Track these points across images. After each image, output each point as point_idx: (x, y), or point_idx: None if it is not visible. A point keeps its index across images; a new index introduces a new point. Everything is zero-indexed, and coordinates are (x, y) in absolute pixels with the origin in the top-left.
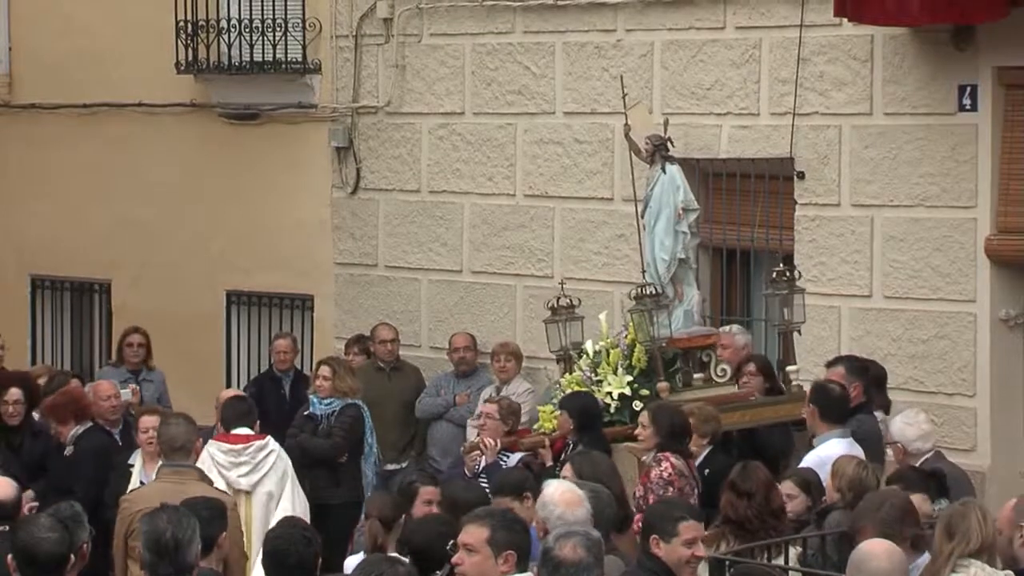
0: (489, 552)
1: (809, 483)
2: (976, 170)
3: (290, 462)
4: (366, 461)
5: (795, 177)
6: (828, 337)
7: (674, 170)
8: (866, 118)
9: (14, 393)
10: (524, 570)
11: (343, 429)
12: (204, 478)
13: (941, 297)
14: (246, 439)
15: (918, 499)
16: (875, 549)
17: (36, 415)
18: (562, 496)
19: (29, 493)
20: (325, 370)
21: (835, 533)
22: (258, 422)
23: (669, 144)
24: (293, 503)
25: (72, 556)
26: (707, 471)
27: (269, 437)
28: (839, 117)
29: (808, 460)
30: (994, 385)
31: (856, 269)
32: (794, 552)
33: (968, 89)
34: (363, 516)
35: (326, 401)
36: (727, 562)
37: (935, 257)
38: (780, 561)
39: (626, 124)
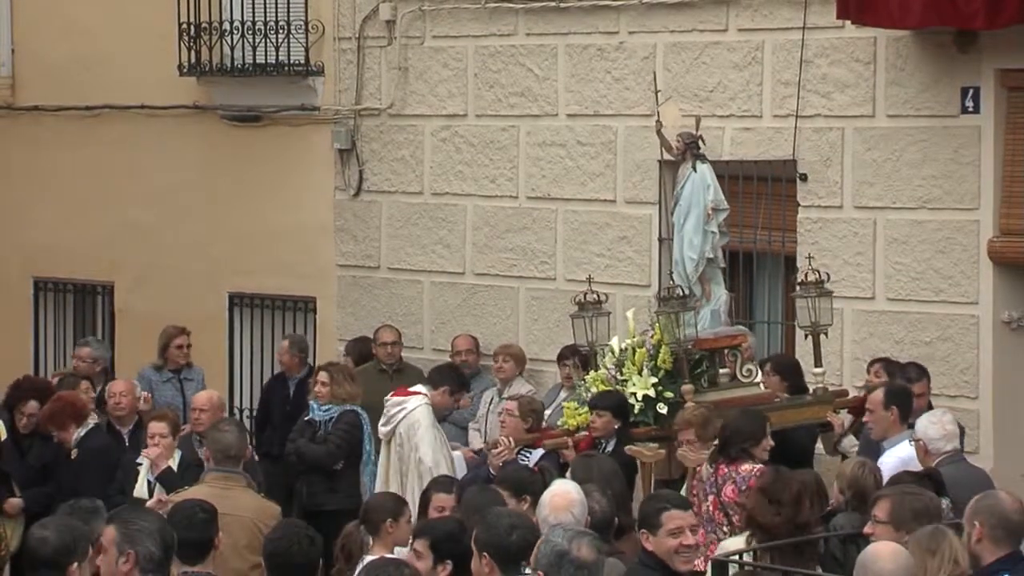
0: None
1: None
2: (979, 172)
3: (426, 420)
4: (364, 468)
5: (798, 179)
6: (831, 339)
7: (705, 169)
8: (869, 120)
9: (32, 406)
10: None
11: (338, 436)
12: (250, 485)
13: (944, 299)
14: (397, 394)
15: None
16: (882, 550)
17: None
18: (552, 500)
19: (17, 501)
20: (323, 376)
21: (840, 536)
22: (446, 388)
23: (700, 142)
24: (435, 457)
25: (76, 562)
26: None
27: (412, 396)
28: (842, 119)
29: (889, 463)
30: (997, 387)
31: (859, 271)
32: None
33: (971, 91)
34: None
35: (324, 407)
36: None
37: (938, 259)
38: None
39: (657, 120)
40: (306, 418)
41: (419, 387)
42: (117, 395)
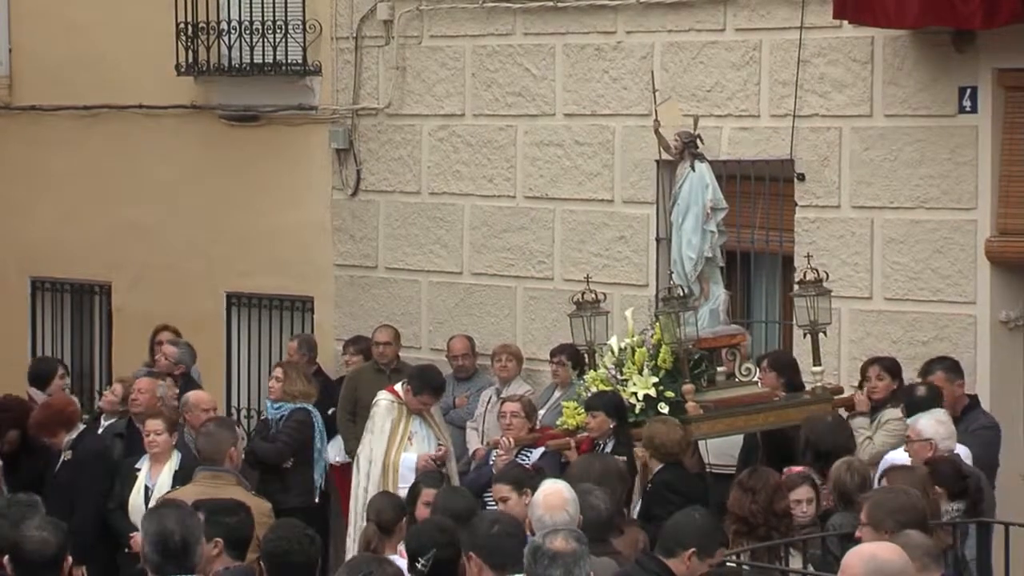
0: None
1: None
2: (976, 172)
3: (378, 415)
4: (315, 467)
5: (795, 179)
6: (828, 339)
7: (703, 168)
8: (866, 120)
9: (12, 435)
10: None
11: (287, 434)
12: (241, 483)
13: (941, 299)
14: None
15: (936, 493)
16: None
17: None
18: (545, 499)
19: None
20: (278, 372)
21: (836, 536)
22: (409, 387)
23: (699, 141)
24: (367, 453)
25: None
26: (648, 485)
27: (384, 393)
28: (839, 119)
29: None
30: (994, 387)
31: (856, 271)
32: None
33: (968, 91)
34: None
35: (276, 405)
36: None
37: (935, 259)
38: (794, 564)
39: (655, 120)
40: (262, 417)
41: (398, 385)
42: (136, 391)
